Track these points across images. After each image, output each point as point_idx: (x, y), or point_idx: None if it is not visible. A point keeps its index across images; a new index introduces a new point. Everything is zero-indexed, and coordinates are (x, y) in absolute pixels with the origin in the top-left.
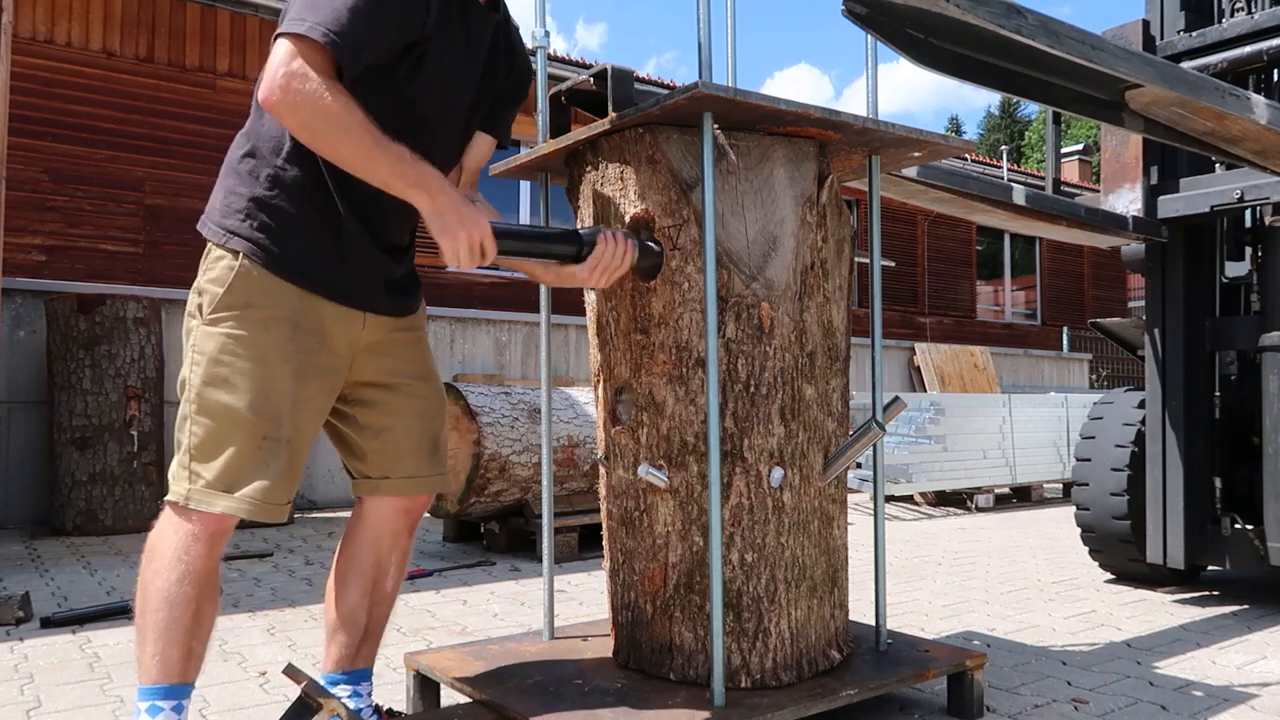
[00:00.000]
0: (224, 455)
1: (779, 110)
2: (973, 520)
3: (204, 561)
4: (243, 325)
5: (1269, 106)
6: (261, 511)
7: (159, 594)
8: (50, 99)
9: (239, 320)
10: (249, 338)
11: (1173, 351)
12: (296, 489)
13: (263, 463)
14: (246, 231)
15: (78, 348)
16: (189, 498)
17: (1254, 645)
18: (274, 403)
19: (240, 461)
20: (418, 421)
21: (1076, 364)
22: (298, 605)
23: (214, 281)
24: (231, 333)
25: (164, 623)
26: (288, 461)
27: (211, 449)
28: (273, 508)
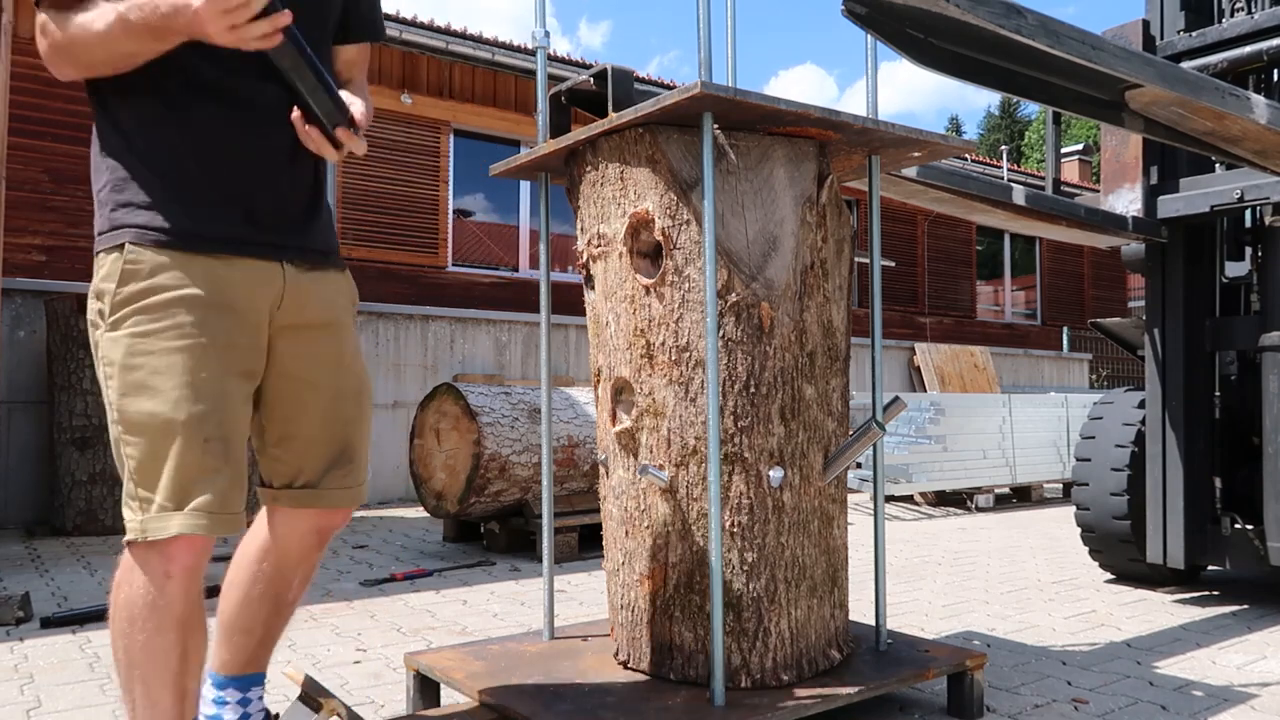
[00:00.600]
0: (166, 469)
1: (779, 110)
2: (973, 520)
3: (183, 603)
4: (147, 318)
5: (1269, 106)
6: (220, 524)
7: (139, 650)
8: (50, 99)
9: (141, 313)
10: (157, 330)
11: (1173, 351)
12: (246, 495)
13: (212, 468)
14: (120, 218)
15: (78, 348)
16: (144, 529)
17: (1254, 645)
18: (204, 396)
19: (185, 471)
20: (327, 426)
21: (1076, 364)
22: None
23: (106, 279)
24: (137, 330)
25: (150, 677)
26: (235, 463)
27: (151, 467)
28: (230, 518)
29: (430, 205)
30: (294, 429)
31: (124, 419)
